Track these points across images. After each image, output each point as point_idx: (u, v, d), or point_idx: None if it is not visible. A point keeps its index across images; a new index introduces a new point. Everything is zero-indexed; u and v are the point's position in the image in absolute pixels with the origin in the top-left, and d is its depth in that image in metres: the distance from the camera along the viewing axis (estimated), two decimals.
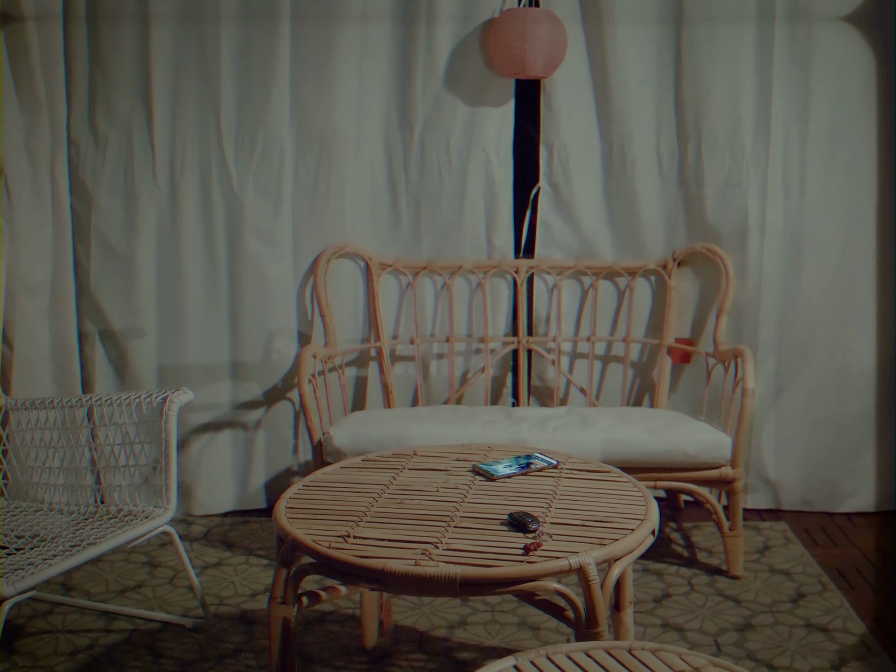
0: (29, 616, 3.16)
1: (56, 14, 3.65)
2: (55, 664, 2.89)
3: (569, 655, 1.74)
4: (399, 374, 4.12)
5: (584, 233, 4.04)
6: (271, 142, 3.84)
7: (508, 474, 2.66)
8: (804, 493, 4.10)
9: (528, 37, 3.63)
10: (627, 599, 2.58)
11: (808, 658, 2.92)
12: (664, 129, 3.91)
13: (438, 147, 3.92)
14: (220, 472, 4.06)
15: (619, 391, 4.10)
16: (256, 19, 3.76)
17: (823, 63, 3.77)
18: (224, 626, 3.12)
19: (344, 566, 2.12)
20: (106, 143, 3.82)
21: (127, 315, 3.91)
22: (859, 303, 3.93)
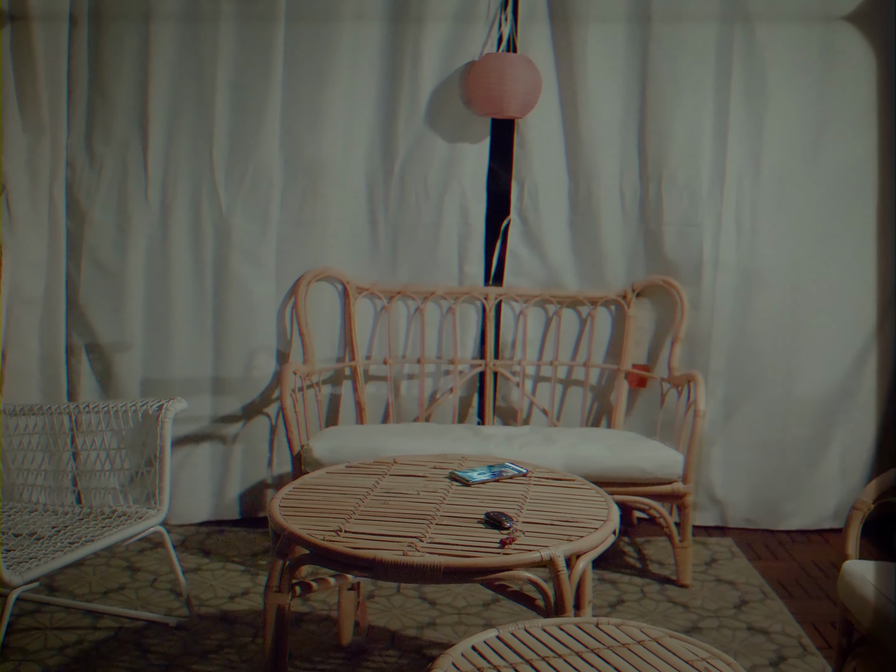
0: (16, 614, 3.31)
1: (62, 41, 3.86)
2: (45, 658, 3.06)
3: (544, 628, 1.97)
4: (371, 393, 4.35)
5: (551, 264, 4.30)
6: (261, 169, 4.07)
7: (482, 480, 2.89)
8: (749, 512, 4.37)
9: (505, 79, 3.91)
10: (586, 599, 2.81)
11: (749, 657, 3.18)
12: (628, 170, 4.19)
13: (417, 180, 4.18)
14: (197, 482, 4.23)
15: (578, 412, 4.35)
16: (252, 53, 4.00)
17: (775, 115, 4.08)
18: (206, 624, 3.31)
19: (338, 556, 2.34)
20: (101, 164, 4.02)
21: (114, 329, 4.10)
22: (803, 336, 4.22)
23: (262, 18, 3.98)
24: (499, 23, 4.08)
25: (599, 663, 1.85)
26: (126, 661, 3.04)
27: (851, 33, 4.03)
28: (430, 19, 4.03)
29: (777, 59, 4.04)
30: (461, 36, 4.07)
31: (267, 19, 3.97)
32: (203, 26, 3.97)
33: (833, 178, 4.12)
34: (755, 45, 4.03)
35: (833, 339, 4.23)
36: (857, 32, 4.03)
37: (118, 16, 3.95)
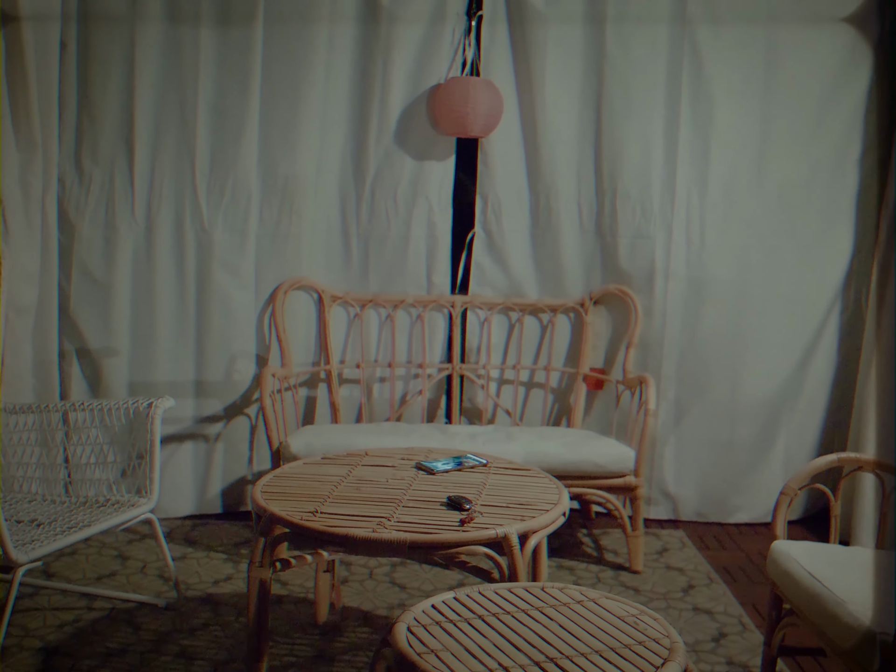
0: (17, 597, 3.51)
1: (53, 65, 4.11)
2: (45, 634, 3.31)
3: (496, 591, 2.24)
4: (345, 395, 4.62)
5: (513, 274, 4.59)
6: (240, 185, 4.34)
7: (446, 469, 3.17)
8: (700, 506, 4.66)
9: (469, 102, 4.20)
10: (543, 577, 3.08)
11: (693, 633, 3.47)
12: (584, 186, 4.49)
13: (387, 195, 4.46)
14: (181, 479, 4.48)
15: (540, 413, 4.64)
16: (231, 76, 4.27)
17: (721, 135, 4.39)
18: (193, 605, 3.57)
19: (315, 534, 2.61)
20: (90, 180, 4.28)
21: (102, 336, 4.35)
22: (748, 342, 4.52)
23: (241, 44, 4.26)
24: (463, 48, 4.38)
25: (542, 618, 2.13)
26: (119, 638, 3.29)
27: (792, 60, 4.35)
28: (399, 45, 4.33)
29: (722, 84, 4.36)
30: (428, 61, 4.36)
31: (245, 45, 4.25)
32: (185, 51, 4.24)
33: (775, 193, 4.43)
34: (702, 71, 4.34)
35: (777, 345, 4.53)
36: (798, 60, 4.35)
37: (105, 41, 4.22)
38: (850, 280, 4.51)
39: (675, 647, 1.99)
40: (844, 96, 4.38)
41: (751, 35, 4.34)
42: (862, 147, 4.42)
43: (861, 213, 4.47)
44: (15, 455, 3.56)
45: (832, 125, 4.39)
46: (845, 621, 2.45)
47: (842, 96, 4.38)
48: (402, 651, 1.94)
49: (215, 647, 3.26)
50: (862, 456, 3.08)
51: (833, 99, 4.38)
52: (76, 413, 3.60)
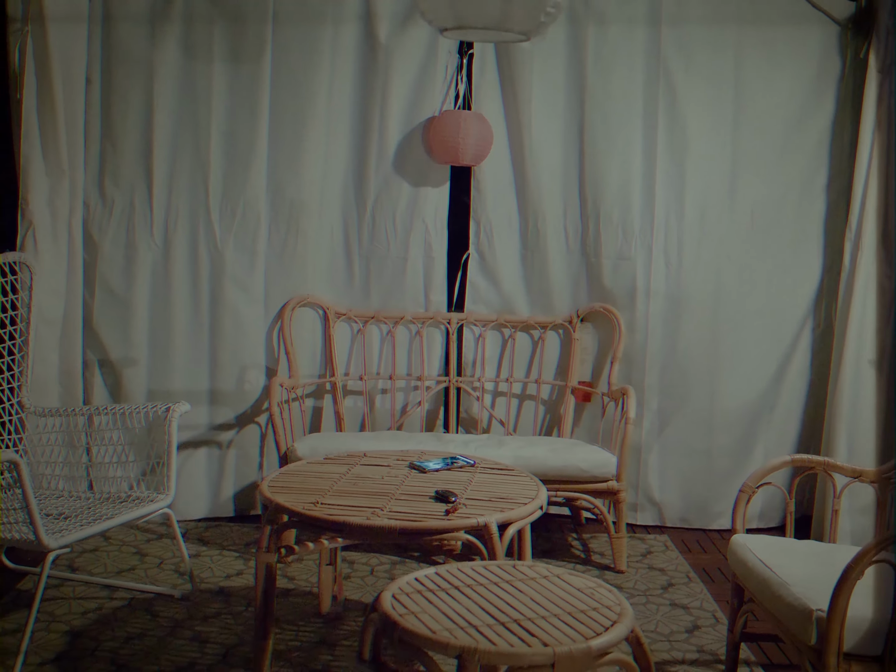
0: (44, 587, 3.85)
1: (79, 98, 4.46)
2: (71, 619, 3.62)
3: (472, 567, 2.55)
4: (349, 405, 4.93)
5: (505, 292, 4.91)
6: (250, 208, 4.68)
7: (436, 469, 3.48)
8: (683, 512, 4.95)
9: (461, 133, 4.53)
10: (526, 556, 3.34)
11: (668, 625, 3.76)
12: (570, 210, 4.81)
13: (386, 218, 4.79)
14: (196, 483, 4.79)
15: (532, 423, 4.94)
16: (242, 108, 4.62)
17: (695, 163, 4.71)
18: (206, 596, 3.88)
19: (316, 521, 2.92)
20: (112, 203, 4.62)
21: (123, 347, 4.68)
22: (725, 354, 4.83)
23: (251, 77, 4.61)
24: (455, 83, 4.72)
25: (511, 589, 2.43)
26: (138, 624, 3.60)
27: (760, 93, 4.69)
28: (396, 79, 4.67)
29: (695, 115, 4.69)
30: (423, 94, 4.71)
31: (254, 78, 4.61)
32: (199, 85, 4.60)
33: (747, 216, 4.75)
34: (676, 103, 4.67)
35: (752, 358, 4.83)
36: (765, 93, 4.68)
37: (126, 76, 4.58)
38: (821, 297, 4.82)
39: (624, 612, 2.29)
40: (810, 127, 4.71)
41: (721, 69, 4.67)
42: (828, 174, 4.75)
43: (829, 236, 4.78)
44: (43, 454, 3.89)
45: (799, 153, 4.72)
46: (788, 601, 2.75)
47: (807, 127, 4.71)
48: (387, 613, 2.25)
49: (226, 632, 3.56)
50: (813, 457, 3.38)
51: (799, 129, 4.71)
52: (99, 417, 3.93)
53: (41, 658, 3.32)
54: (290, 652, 3.42)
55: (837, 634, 2.56)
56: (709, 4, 4.67)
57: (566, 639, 2.15)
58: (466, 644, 2.10)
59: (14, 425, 3.87)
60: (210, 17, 4.58)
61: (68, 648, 3.40)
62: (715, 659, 3.49)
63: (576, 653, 2.10)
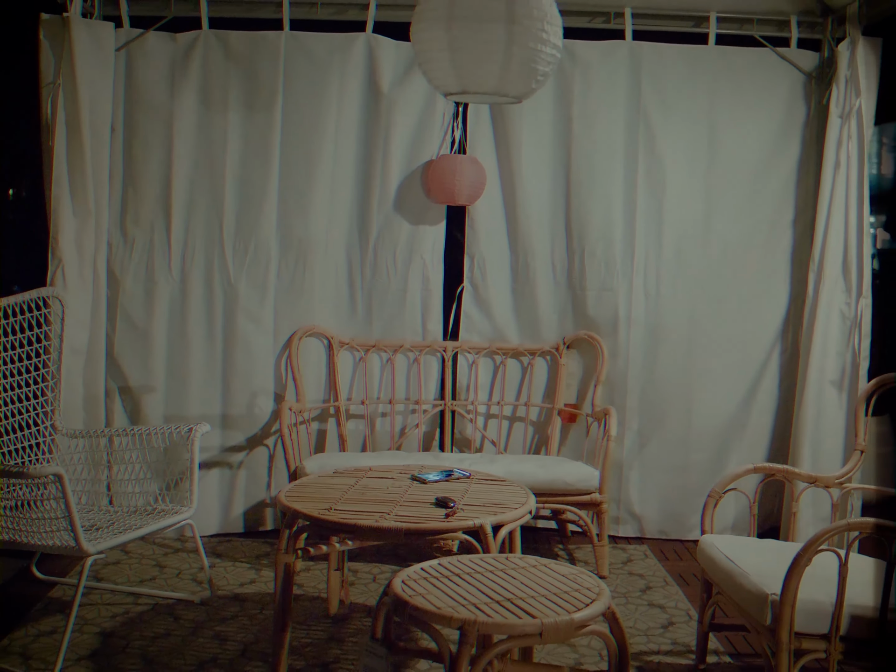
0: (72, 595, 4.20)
1: (104, 147, 4.86)
2: (101, 622, 3.96)
3: (471, 559, 2.91)
4: (352, 428, 5.29)
5: (497, 322, 5.30)
6: (261, 246, 5.07)
7: (436, 480, 3.84)
8: (662, 524, 5.32)
9: (456, 175, 4.94)
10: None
11: (646, 622, 4.12)
12: (557, 246, 5.21)
13: (387, 254, 5.19)
14: (208, 501, 5.14)
15: (521, 443, 5.31)
16: (254, 153, 5.03)
17: (672, 202, 5.13)
18: (223, 601, 4.22)
19: (330, 524, 3.27)
20: (133, 242, 5.01)
21: (142, 375, 5.05)
22: (700, 377, 5.21)
23: (263, 125, 5.03)
24: (451, 129, 5.13)
25: (505, 576, 2.79)
26: (163, 625, 3.95)
27: (731, 137, 5.12)
28: (397, 126, 5.09)
29: (672, 159, 5.11)
30: (421, 140, 5.13)
31: (266, 126, 5.02)
32: (215, 132, 5.02)
33: (720, 250, 5.16)
34: (654, 147, 5.10)
35: (725, 381, 5.21)
36: (736, 137, 5.11)
37: (147, 125, 5.00)
38: (788, 324, 5.21)
39: (602, 593, 2.65)
40: (778, 167, 5.13)
41: (696, 115, 5.11)
42: (794, 211, 5.16)
43: (795, 267, 5.19)
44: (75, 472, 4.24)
45: (768, 192, 5.14)
46: (747, 588, 3.12)
47: (775, 167, 5.13)
48: (398, 594, 2.61)
49: (244, 631, 3.91)
50: (774, 465, 3.77)
51: (768, 170, 5.13)
52: (120, 438, 4.29)
53: (77, 655, 3.66)
54: (302, 647, 3.76)
55: (789, 615, 2.93)
56: (685, 55, 5.12)
57: (552, 613, 2.52)
58: (467, 617, 2.46)
59: (48, 445, 4.23)
60: (225, 69, 5.00)
61: (101, 647, 3.74)
62: (687, 650, 3.85)
63: (560, 624, 2.47)
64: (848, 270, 4.91)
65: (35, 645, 3.72)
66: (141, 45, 4.99)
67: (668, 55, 5.10)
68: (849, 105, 4.87)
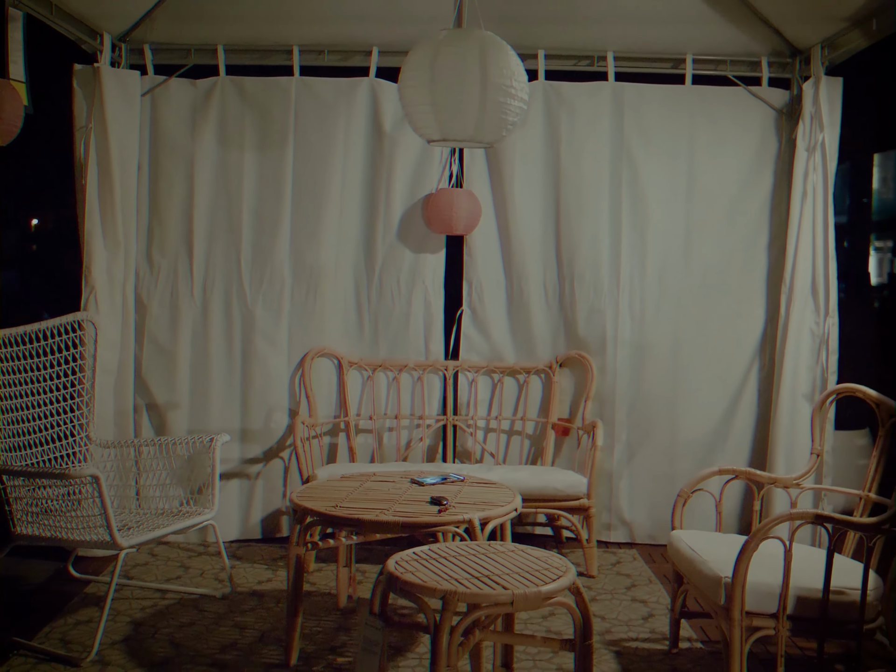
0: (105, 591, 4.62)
1: (132, 183, 5.33)
2: (132, 613, 4.38)
3: (458, 546, 3.32)
4: (361, 442, 5.71)
5: (494, 342, 5.72)
6: (275, 273, 5.52)
7: (433, 483, 4.25)
8: (651, 530, 5.69)
9: (454, 207, 5.38)
10: None
11: (628, 614, 4.50)
12: (548, 272, 5.63)
13: (392, 280, 5.63)
14: (228, 509, 5.55)
15: (518, 455, 5.71)
16: (268, 188, 5.50)
17: (654, 229, 5.55)
18: (243, 596, 4.64)
19: (336, 518, 3.68)
20: (159, 270, 5.47)
21: (167, 392, 5.49)
22: (684, 392, 5.61)
23: (276, 162, 5.50)
24: (449, 165, 5.58)
25: (486, 558, 3.19)
26: (188, 616, 4.36)
27: (709, 169, 5.54)
28: (399, 162, 5.55)
29: (654, 190, 5.54)
30: (422, 175, 5.59)
31: (279, 163, 5.50)
32: (232, 169, 5.50)
33: (700, 273, 5.57)
34: (638, 178, 5.53)
35: (707, 396, 5.60)
36: (713, 169, 5.54)
37: (170, 163, 5.48)
38: (765, 343, 5.60)
39: (568, 571, 3.05)
40: (752, 197, 5.55)
41: (676, 149, 5.54)
42: (769, 237, 5.57)
43: (770, 289, 5.58)
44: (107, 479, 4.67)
45: (743, 220, 5.56)
46: (706, 573, 3.52)
47: (750, 197, 5.55)
48: (391, 572, 3.02)
49: (261, 622, 4.32)
50: (736, 467, 4.16)
51: (743, 199, 5.55)
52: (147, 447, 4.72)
53: (112, 640, 4.07)
54: (313, 635, 4.16)
55: (740, 594, 3.33)
56: (664, 94, 5.55)
57: (522, 586, 2.92)
58: (448, 589, 2.87)
59: (83, 454, 4.67)
60: (241, 112, 5.48)
61: (132, 633, 4.15)
62: (663, 637, 4.23)
63: (529, 594, 2.87)
64: (816, 292, 5.30)
65: (73, 632, 4.14)
66: (164, 91, 5.48)
67: (648, 94, 5.55)
68: (814, 139, 5.27)
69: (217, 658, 3.91)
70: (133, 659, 3.89)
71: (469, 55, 3.52)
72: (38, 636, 4.09)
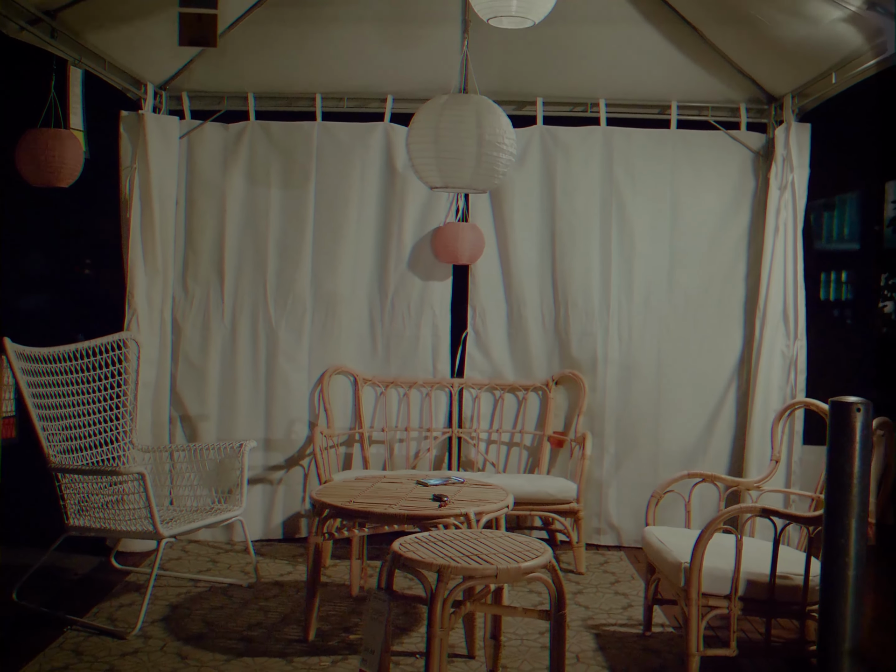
0: (145, 580, 5.19)
1: (170, 217, 5.95)
2: (169, 598, 4.95)
3: (453, 532, 3.88)
4: (374, 452, 6.27)
5: (495, 362, 6.28)
6: (297, 299, 6.11)
7: (435, 483, 4.80)
8: (637, 534, 6.20)
9: (459, 239, 5.96)
10: None
11: (610, 605, 5.04)
12: (545, 298, 6.20)
13: (402, 306, 6.21)
14: (252, 511, 6.11)
15: (517, 464, 6.26)
16: (291, 222, 6.10)
17: (640, 259, 6.11)
18: (266, 585, 5.20)
19: (350, 511, 4.24)
20: (193, 296, 6.07)
21: (198, 405, 6.07)
22: (667, 408, 6.14)
23: (299, 198, 6.11)
24: (455, 201, 6.17)
25: (476, 542, 3.74)
26: (218, 600, 4.93)
27: (690, 205, 6.11)
28: (409, 199, 6.15)
29: (640, 223, 6.11)
30: (430, 210, 6.18)
31: (302, 199, 6.10)
32: (259, 205, 6.10)
33: (682, 299, 6.13)
34: (625, 213, 6.11)
35: (688, 412, 6.14)
36: (694, 205, 6.11)
37: (203, 198, 6.09)
38: (743, 364, 6.14)
39: (545, 552, 3.60)
40: (731, 230, 6.11)
41: (660, 188, 6.11)
42: (746, 266, 6.12)
43: (748, 315, 6.12)
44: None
45: (722, 251, 6.12)
46: (669, 561, 4.06)
47: (729, 230, 6.11)
48: (396, 551, 3.58)
49: (283, 606, 4.88)
50: (703, 471, 4.72)
51: (722, 232, 6.11)
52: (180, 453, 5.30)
53: (152, 619, 4.64)
54: (329, 617, 4.72)
55: (697, 577, 3.87)
56: (650, 138, 6.13)
57: (505, 563, 3.47)
58: (443, 563, 3.42)
59: (126, 457, 5.25)
60: (268, 153, 6.09)
61: (170, 613, 4.72)
62: (639, 624, 4.76)
63: (510, 569, 3.42)
64: (787, 317, 5.85)
65: (118, 612, 4.71)
66: (199, 134, 6.10)
67: (636, 138, 6.13)
68: (785, 179, 5.83)
69: (244, 634, 4.47)
70: (171, 634, 4.45)
71: (467, 117, 4.17)
72: (88, 615, 4.66)
